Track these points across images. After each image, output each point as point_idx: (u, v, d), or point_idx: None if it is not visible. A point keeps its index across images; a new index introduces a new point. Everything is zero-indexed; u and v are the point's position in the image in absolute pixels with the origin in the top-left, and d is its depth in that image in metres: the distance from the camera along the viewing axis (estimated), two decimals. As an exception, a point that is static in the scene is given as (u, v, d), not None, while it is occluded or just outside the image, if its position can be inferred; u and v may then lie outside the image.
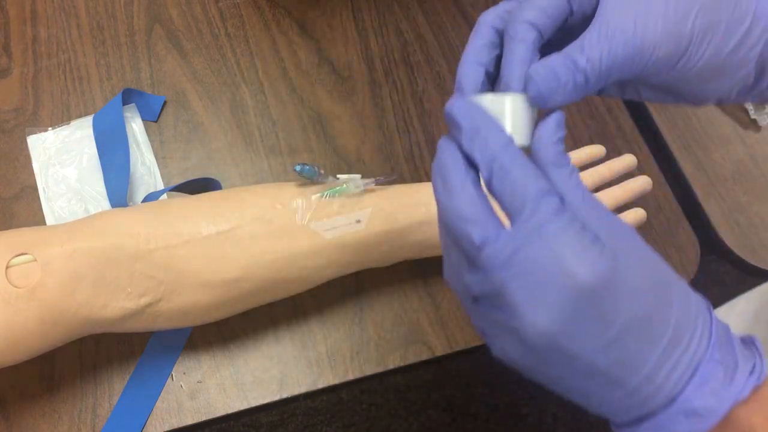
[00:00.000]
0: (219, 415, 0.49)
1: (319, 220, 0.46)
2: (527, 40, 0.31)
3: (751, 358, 0.29)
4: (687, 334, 0.28)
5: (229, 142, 0.59)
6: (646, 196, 0.56)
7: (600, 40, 0.31)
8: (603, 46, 0.31)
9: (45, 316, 0.41)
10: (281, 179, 0.58)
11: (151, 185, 0.56)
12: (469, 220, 0.27)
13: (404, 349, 0.51)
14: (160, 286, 0.43)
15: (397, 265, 0.51)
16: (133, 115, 0.59)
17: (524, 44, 0.31)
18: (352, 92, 0.62)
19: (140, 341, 0.50)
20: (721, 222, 0.57)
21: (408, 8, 0.66)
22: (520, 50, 0.31)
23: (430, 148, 0.59)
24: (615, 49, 0.31)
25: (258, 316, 0.51)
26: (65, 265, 0.42)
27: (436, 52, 0.64)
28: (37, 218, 0.55)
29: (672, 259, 0.55)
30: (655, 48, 0.31)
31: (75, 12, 0.65)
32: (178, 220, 0.45)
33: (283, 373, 0.50)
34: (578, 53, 0.31)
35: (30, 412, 0.48)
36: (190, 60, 0.63)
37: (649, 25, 0.31)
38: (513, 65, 0.31)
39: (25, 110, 0.59)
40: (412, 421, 1.17)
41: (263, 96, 0.61)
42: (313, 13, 0.66)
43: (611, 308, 0.26)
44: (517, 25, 0.31)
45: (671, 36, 0.31)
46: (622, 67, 0.31)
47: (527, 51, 0.31)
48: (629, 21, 0.31)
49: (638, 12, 0.31)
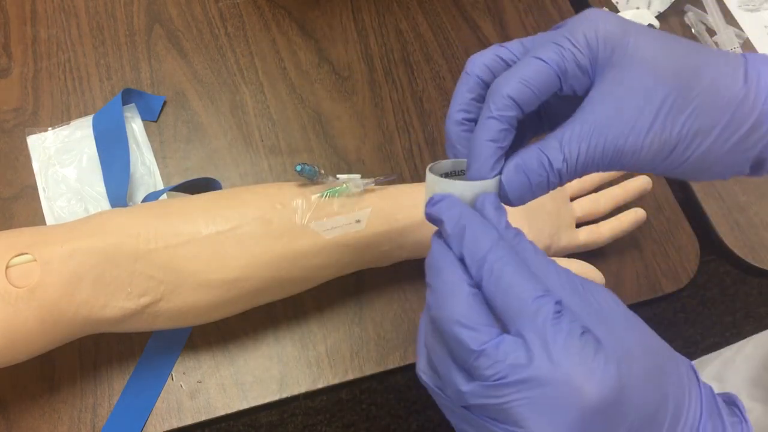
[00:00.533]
0: (219, 415, 0.49)
1: (319, 220, 0.46)
2: (503, 119, 0.30)
3: (737, 423, 0.28)
4: (683, 410, 0.27)
5: (229, 142, 0.59)
6: (646, 196, 0.56)
7: (580, 137, 0.29)
8: (582, 145, 0.29)
9: (45, 316, 0.41)
10: (281, 179, 0.58)
11: (151, 185, 0.56)
12: (464, 325, 0.26)
13: (404, 349, 0.51)
14: (160, 286, 0.43)
15: (397, 265, 0.51)
16: (133, 115, 0.59)
17: (499, 123, 0.30)
18: (352, 92, 0.62)
19: (140, 341, 0.50)
20: (721, 222, 0.57)
21: (408, 8, 0.66)
22: (492, 130, 0.30)
23: (430, 148, 0.59)
24: (594, 148, 0.29)
25: (258, 316, 0.51)
26: (65, 265, 0.42)
27: (435, 52, 0.64)
28: (37, 218, 0.55)
29: (672, 259, 0.55)
30: (637, 151, 0.30)
31: (75, 12, 0.65)
32: (178, 220, 0.45)
33: (283, 373, 0.50)
34: (555, 150, 0.30)
35: (30, 412, 0.48)
36: (190, 60, 0.63)
37: (635, 128, 0.29)
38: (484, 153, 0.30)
39: (25, 110, 0.59)
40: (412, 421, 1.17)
41: (263, 96, 0.61)
42: (313, 13, 0.66)
43: (619, 416, 0.25)
44: (497, 97, 0.30)
45: (656, 139, 0.29)
46: (599, 164, 0.30)
47: (501, 132, 0.30)
48: (613, 122, 0.29)
49: (624, 113, 0.29)
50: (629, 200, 0.53)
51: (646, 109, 0.29)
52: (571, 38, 0.30)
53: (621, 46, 0.30)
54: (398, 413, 1.18)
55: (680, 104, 0.29)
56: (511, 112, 0.30)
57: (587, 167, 0.30)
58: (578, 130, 0.30)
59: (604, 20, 0.30)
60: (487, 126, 0.30)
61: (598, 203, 0.53)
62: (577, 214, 0.52)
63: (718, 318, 1.31)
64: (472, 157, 0.30)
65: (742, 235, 0.56)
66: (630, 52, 0.30)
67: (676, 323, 1.30)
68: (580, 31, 0.30)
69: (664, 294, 0.54)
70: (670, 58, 0.30)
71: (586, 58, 0.30)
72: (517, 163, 0.30)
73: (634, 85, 0.29)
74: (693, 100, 0.29)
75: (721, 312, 1.31)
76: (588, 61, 0.30)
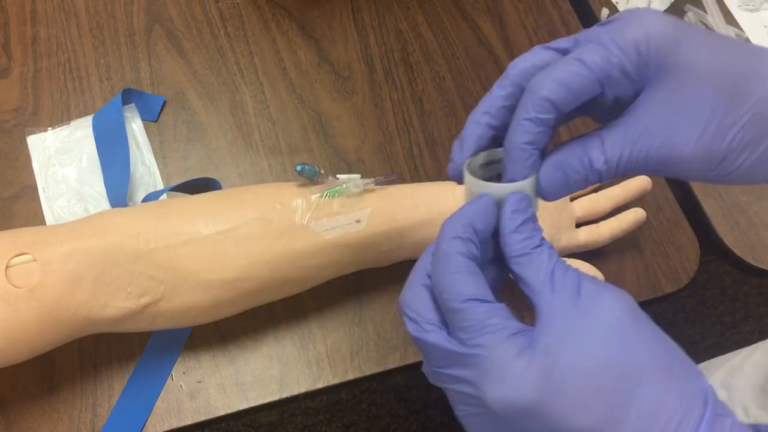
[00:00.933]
0: (219, 415, 0.49)
1: (319, 220, 0.46)
2: (539, 121, 0.29)
3: None
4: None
5: (229, 142, 0.59)
6: (646, 196, 0.56)
7: (623, 142, 0.28)
8: (625, 149, 0.28)
9: (45, 315, 0.41)
10: (281, 179, 0.58)
11: (151, 185, 0.56)
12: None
13: (404, 349, 0.51)
14: (159, 285, 0.43)
15: (397, 265, 0.51)
16: (132, 115, 0.59)
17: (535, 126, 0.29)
18: (351, 92, 0.62)
19: (140, 341, 0.50)
20: (721, 222, 0.57)
21: (408, 8, 0.66)
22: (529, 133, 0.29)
23: (429, 148, 0.59)
24: (637, 155, 0.28)
25: (258, 316, 0.51)
26: (65, 265, 0.42)
27: (435, 52, 0.64)
28: (37, 218, 0.55)
29: (672, 259, 0.55)
30: (683, 162, 0.28)
31: (75, 12, 0.65)
32: (178, 220, 0.45)
33: (283, 372, 0.50)
34: (597, 150, 0.29)
35: (30, 412, 0.48)
36: (190, 60, 0.63)
37: (683, 140, 0.28)
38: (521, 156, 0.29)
39: (25, 110, 0.59)
40: (412, 421, 1.17)
41: (263, 96, 0.61)
42: (313, 13, 0.66)
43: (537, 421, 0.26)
44: (535, 98, 0.28)
45: (704, 151, 0.28)
46: (641, 170, 0.29)
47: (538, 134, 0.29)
48: (660, 131, 0.28)
49: (673, 123, 0.28)
50: (629, 200, 0.53)
51: (697, 121, 0.28)
52: (619, 42, 0.28)
53: (674, 53, 0.28)
54: (398, 413, 1.18)
55: (732, 117, 0.28)
56: (548, 115, 0.29)
57: (627, 171, 0.29)
58: (623, 134, 0.29)
59: (656, 23, 0.29)
60: (523, 128, 0.29)
61: (598, 203, 0.53)
62: (577, 214, 0.52)
63: (718, 318, 1.31)
64: (508, 160, 0.30)
65: (742, 234, 0.56)
66: (683, 60, 0.28)
67: (676, 323, 1.30)
68: (630, 35, 0.28)
69: (664, 294, 0.54)
70: (725, 65, 0.29)
71: (633, 65, 0.28)
72: (557, 160, 0.29)
73: (685, 95, 0.28)
74: (746, 112, 0.28)
75: (721, 312, 1.31)
76: (635, 68, 0.29)
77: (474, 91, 0.62)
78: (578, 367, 0.25)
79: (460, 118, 0.61)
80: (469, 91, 0.62)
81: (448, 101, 0.62)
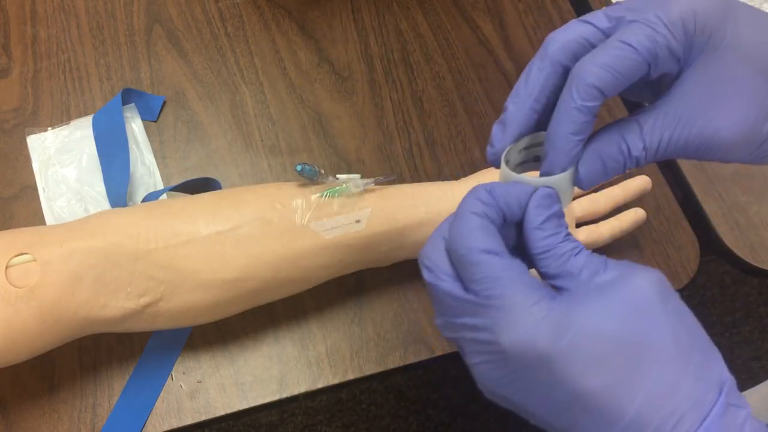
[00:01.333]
0: (219, 415, 0.49)
1: (319, 220, 0.46)
2: (586, 110, 0.27)
3: None
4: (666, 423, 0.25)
5: (228, 142, 0.59)
6: (646, 196, 0.56)
7: (663, 127, 0.28)
8: (664, 135, 0.28)
9: (45, 316, 0.41)
10: (281, 179, 0.58)
11: (151, 185, 0.56)
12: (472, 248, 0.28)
13: (404, 349, 0.51)
14: (159, 286, 0.43)
15: (397, 265, 0.51)
16: (132, 115, 0.59)
17: (582, 115, 0.27)
18: (351, 92, 0.62)
19: (140, 341, 0.50)
20: (721, 222, 0.57)
21: (407, 8, 0.66)
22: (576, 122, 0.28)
23: (429, 148, 0.59)
24: (677, 139, 0.28)
25: (258, 316, 0.51)
26: (65, 265, 0.42)
27: (435, 52, 0.64)
28: (37, 218, 0.55)
29: (672, 259, 0.55)
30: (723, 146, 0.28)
31: (75, 12, 0.65)
32: (178, 220, 0.45)
33: (283, 372, 0.50)
34: (636, 136, 0.28)
35: (30, 412, 0.48)
36: (190, 60, 0.63)
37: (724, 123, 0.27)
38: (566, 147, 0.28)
39: (25, 110, 0.59)
40: (412, 421, 1.17)
41: (263, 96, 0.61)
42: (313, 13, 0.66)
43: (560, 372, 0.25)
44: (581, 86, 0.27)
45: (744, 135, 0.28)
46: (679, 155, 0.28)
47: (584, 124, 0.28)
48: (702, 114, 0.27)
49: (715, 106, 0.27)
50: (629, 200, 0.53)
51: (738, 103, 0.27)
52: (666, 21, 0.27)
53: (719, 33, 0.27)
54: (398, 413, 1.18)
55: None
56: (595, 102, 0.28)
57: (666, 156, 0.29)
58: (662, 118, 0.28)
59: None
60: (570, 117, 0.28)
61: (597, 203, 0.53)
62: (577, 214, 0.52)
63: (718, 318, 1.31)
64: (552, 149, 0.29)
65: (742, 234, 0.56)
66: (727, 41, 0.27)
67: (676, 323, 1.30)
68: (677, 11, 0.27)
69: (664, 294, 0.54)
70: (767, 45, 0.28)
71: (680, 45, 0.27)
72: (594, 149, 0.29)
73: (728, 77, 0.27)
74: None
75: (721, 312, 1.31)
76: (682, 48, 0.27)
77: (474, 91, 0.62)
78: (595, 332, 0.25)
79: (460, 118, 0.61)
80: (469, 91, 0.62)
81: (448, 101, 0.62)
